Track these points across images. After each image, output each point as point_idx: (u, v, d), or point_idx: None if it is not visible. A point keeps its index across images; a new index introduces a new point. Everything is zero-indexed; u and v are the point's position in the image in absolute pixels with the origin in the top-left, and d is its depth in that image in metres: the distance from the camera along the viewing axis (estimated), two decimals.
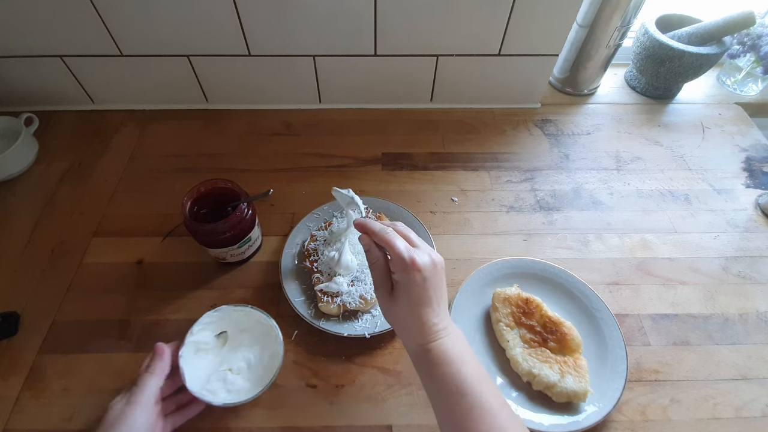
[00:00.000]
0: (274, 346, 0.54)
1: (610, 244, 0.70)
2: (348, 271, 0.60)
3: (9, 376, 0.56)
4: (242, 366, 0.53)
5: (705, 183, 0.79)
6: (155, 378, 0.47)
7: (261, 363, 0.53)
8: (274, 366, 0.52)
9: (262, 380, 0.51)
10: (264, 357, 0.54)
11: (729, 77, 0.95)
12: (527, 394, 0.55)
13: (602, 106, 0.92)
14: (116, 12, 0.72)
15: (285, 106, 0.89)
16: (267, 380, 0.51)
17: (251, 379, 0.52)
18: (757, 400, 0.56)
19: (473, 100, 0.90)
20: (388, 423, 0.53)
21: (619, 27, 0.80)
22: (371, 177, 0.78)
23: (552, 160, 0.82)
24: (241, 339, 0.55)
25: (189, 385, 0.49)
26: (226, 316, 0.55)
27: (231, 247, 0.61)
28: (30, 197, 0.74)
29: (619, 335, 0.58)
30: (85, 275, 0.65)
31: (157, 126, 0.86)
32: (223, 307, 0.55)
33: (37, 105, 0.86)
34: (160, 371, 0.47)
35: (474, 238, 0.71)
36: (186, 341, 0.52)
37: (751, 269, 0.68)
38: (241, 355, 0.54)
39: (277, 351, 0.53)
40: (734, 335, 0.61)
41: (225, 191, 0.61)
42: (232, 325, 0.56)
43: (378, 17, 0.73)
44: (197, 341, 0.53)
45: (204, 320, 0.54)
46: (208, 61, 0.80)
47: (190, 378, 0.49)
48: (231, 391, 0.51)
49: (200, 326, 0.54)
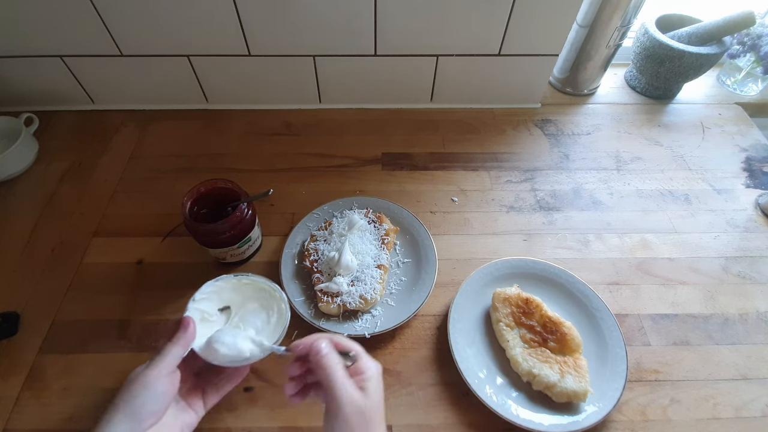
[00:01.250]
0: (280, 305, 0.52)
1: (610, 244, 0.70)
2: (348, 271, 0.60)
3: (9, 376, 0.56)
4: (252, 333, 0.51)
5: (705, 183, 0.79)
6: (177, 347, 0.45)
7: (268, 327, 0.52)
8: (281, 326, 0.51)
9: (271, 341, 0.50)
10: (271, 320, 0.52)
11: (729, 77, 0.95)
12: (527, 394, 0.55)
13: (602, 106, 0.92)
14: (116, 12, 0.72)
15: (285, 106, 0.89)
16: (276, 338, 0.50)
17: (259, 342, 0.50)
18: (757, 400, 0.56)
19: (473, 100, 0.90)
20: (388, 423, 0.53)
21: (619, 27, 0.80)
22: (371, 177, 0.78)
23: (552, 160, 0.82)
24: (246, 309, 0.54)
25: (195, 347, 0.47)
26: (228, 286, 0.54)
27: (231, 247, 0.61)
28: (30, 197, 0.74)
29: (619, 335, 0.58)
30: (85, 275, 0.65)
31: (157, 126, 0.86)
32: (224, 276, 0.54)
33: (37, 105, 0.86)
34: (184, 342, 0.45)
35: (474, 238, 0.71)
36: (189, 307, 0.50)
37: (751, 269, 0.68)
38: (249, 323, 0.52)
39: (282, 311, 0.52)
40: (734, 335, 0.61)
41: (225, 191, 0.61)
42: (234, 294, 0.54)
43: (378, 17, 0.73)
44: (201, 309, 0.51)
45: (205, 289, 0.52)
46: (208, 61, 0.80)
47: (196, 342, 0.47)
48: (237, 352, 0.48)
49: (202, 295, 0.52)
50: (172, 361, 0.44)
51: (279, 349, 0.47)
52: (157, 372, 0.42)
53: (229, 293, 0.54)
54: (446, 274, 0.66)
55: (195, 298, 0.51)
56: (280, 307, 0.53)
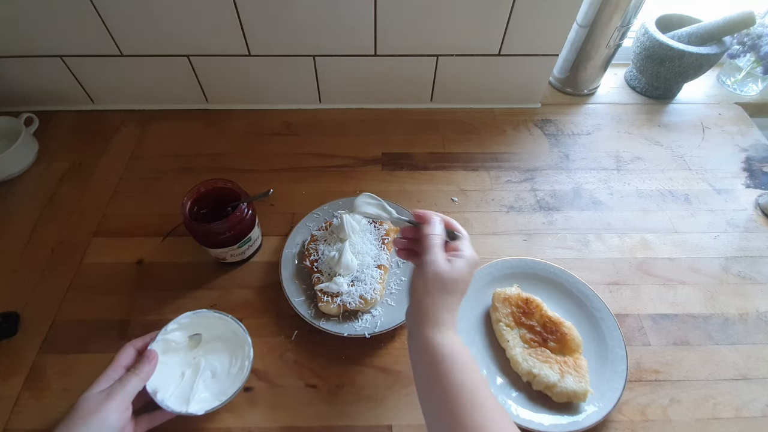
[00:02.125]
0: (244, 361, 0.52)
1: (610, 244, 0.70)
2: (348, 271, 0.60)
3: (9, 376, 0.56)
4: (207, 375, 0.52)
5: (705, 183, 0.79)
6: (139, 380, 0.46)
7: (227, 374, 0.53)
8: (238, 381, 0.51)
9: (224, 393, 0.50)
10: (232, 369, 0.53)
11: (729, 77, 0.95)
12: (527, 394, 0.55)
13: (602, 106, 0.92)
14: (116, 12, 0.72)
15: (285, 106, 0.89)
16: (227, 395, 0.50)
17: (212, 389, 0.52)
18: (757, 400, 0.56)
19: (473, 100, 0.90)
20: (388, 423, 0.53)
21: (619, 27, 0.80)
22: (371, 177, 0.78)
23: (552, 160, 0.82)
24: (214, 345, 0.55)
25: (148, 386, 0.48)
26: (204, 321, 0.55)
27: (231, 247, 0.61)
28: (30, 197, 0.74)
29: (619, 335, 0.58)
30: (85, 275, 0.65)
31: (157, 126, 0.86)
32: (203, 311, 0.54)
33: (37, 105, 0.86)
34: (145, 375, 0.47)
35: (474, 238, 0.69)
36: (157, 338, 0.51)
37: (751, 269, 0.68)
38: (210, 362, 0.53)
39: (244, 366, 0.52)
40: (734, 335, 0.61)
41: (225, 191, 0.61)
42: (208, 330, 0.55)
43: (378, 17, 0.73)
44: (168, 339, 0.52)
45: (181, 320, 0.53)
46: (208, 61, 0.80)
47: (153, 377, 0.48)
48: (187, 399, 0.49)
49: (175, 325, 0.53)
50: (130, 394, 0.44)
51: (405, 218, 0.52)
52: (116, 405, 0.43)
53: (204, 327, 0.55)
54: None
55: (167, 329, 0.52)
56: (244, 364, 0.52)
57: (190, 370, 0.52)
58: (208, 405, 0.49)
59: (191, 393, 0.50)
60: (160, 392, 0.48)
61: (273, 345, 0.59)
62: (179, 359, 0.53)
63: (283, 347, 0.59)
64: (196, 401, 0.49)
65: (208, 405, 0.49)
